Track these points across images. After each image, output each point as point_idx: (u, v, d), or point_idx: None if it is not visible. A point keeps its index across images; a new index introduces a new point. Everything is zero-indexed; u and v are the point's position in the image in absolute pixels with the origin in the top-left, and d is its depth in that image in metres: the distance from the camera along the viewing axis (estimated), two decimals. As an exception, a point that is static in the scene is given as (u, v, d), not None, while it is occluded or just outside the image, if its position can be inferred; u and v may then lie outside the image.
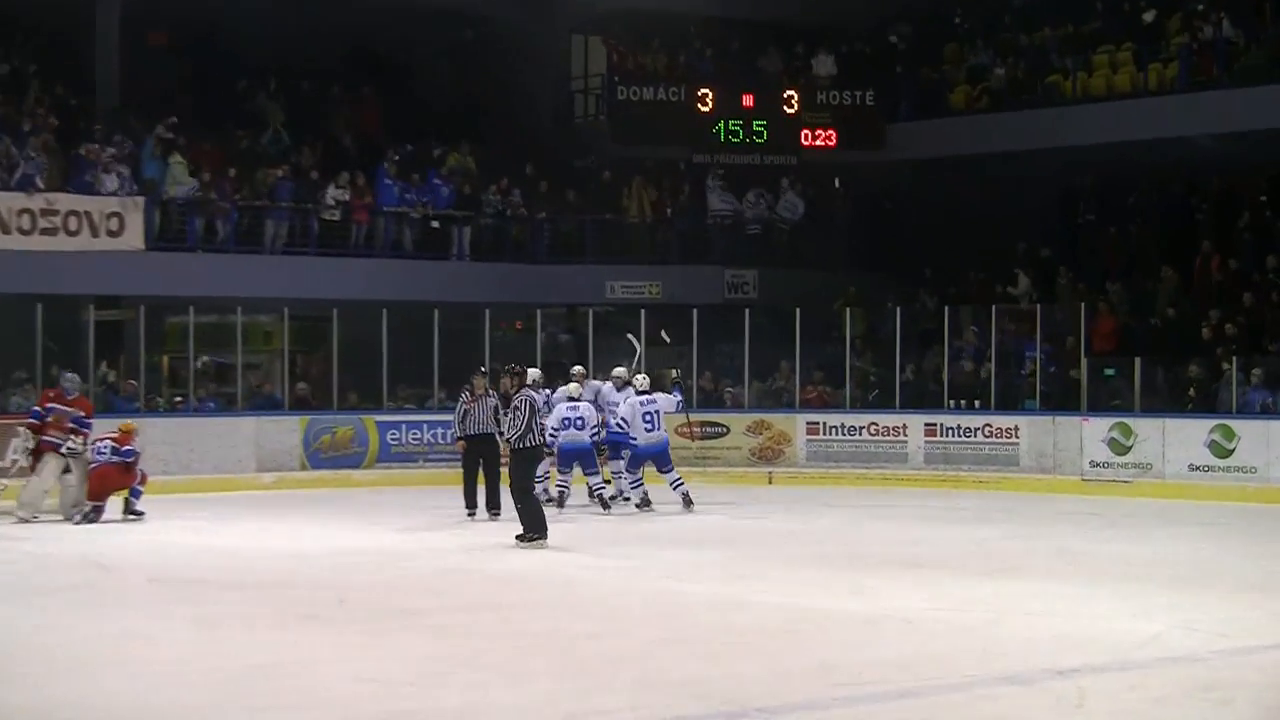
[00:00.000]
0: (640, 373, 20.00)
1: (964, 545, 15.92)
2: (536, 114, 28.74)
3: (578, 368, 20.06)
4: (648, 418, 18.81)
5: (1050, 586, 12.86)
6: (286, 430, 22.61)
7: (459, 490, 18.48)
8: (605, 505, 18.76)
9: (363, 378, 23.68)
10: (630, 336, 21.61)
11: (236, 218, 23.87)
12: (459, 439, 18.42)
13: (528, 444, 15.41)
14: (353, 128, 27.13)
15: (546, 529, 15.30)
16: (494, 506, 17.97)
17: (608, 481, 19.20)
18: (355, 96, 27.68)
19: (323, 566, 14.24)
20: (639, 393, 19.04)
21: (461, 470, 18.50)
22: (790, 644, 10.33)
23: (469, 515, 18.09)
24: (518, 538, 15.23)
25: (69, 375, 18.45)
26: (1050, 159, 26.00)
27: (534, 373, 19.14)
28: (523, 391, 15.56)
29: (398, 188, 25.40)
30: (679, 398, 19.77)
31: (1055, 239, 26.78)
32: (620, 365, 20.15)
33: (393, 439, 23.21)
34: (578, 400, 18.77)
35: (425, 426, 23.22)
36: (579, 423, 18.48)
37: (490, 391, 18.21)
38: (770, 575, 13.62)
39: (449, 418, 21.89)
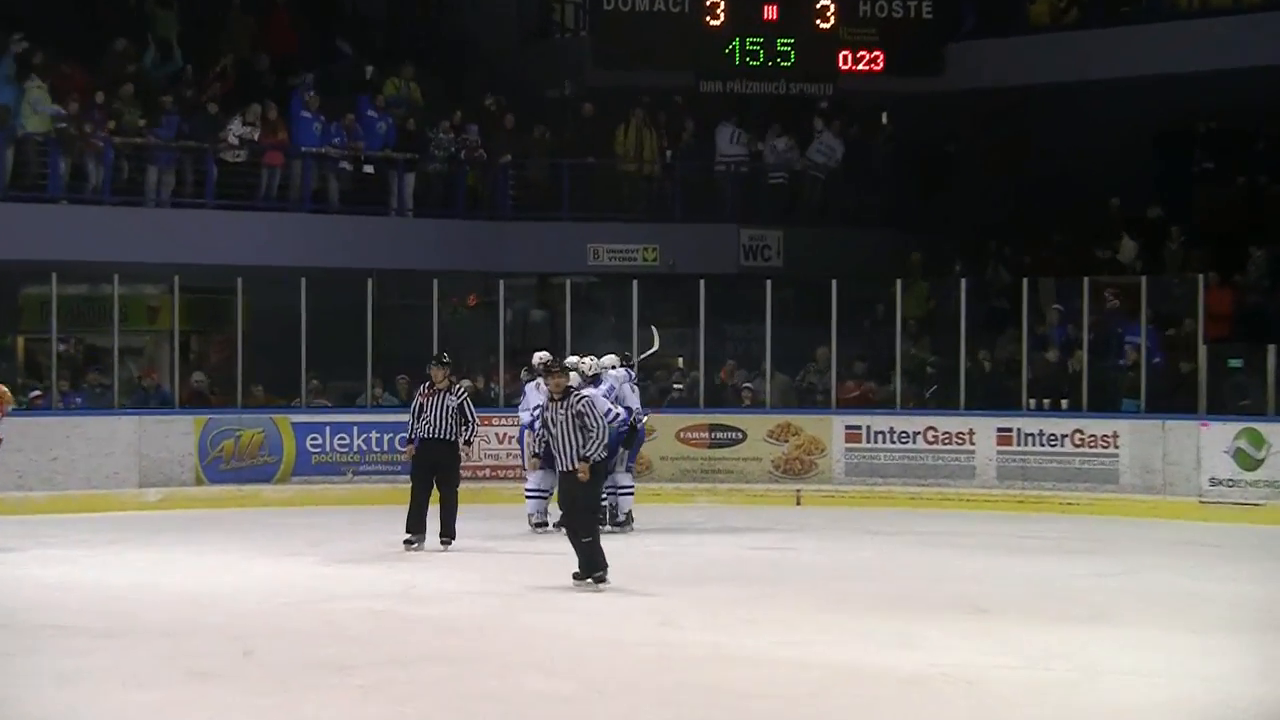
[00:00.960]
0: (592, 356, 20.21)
1: (1043, 584, 15.92)
2: (500, 29, 29.00)
3: (591, 359, 20.09)
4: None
5: (1151, 637, 12.90)
6: (177, 434, 22.70)
7: (402, 510, 18.46)
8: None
9: (276, 366, 23.85)
10: (654, 329, 21.95)
11: (112, 159, 23.92)
12: (410, 441, 18.53)
13: (603, 455, 15.64)
14: (263, 45, 27.16)
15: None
16: (447, 533, 18.11)
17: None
18: (266, 4, 27.78)
19: (223, 609, 14.23)
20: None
21: (410, 484, 18.57)
22: (816, 712, 10.35)
23: (410, 544, 18.13)
24: (576, 576, 15.27)
25: None
26: (1157, 89, 26.19)
27: (609, 359, 19.77)
28: (582, 393, 15.96)
29: (319, 123, 25.52)
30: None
31: (1163, 192, 26.85)
32: (609, 354, 20.29)
33: (314, 445, 23.32)
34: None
35: (356, 430, 23.34)
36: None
37: (455, 385, 18.41)
38: (793, 622, 13.61)
39: (387, 418, 22.43)
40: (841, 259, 26.15)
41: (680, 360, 22.47)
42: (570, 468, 15.24)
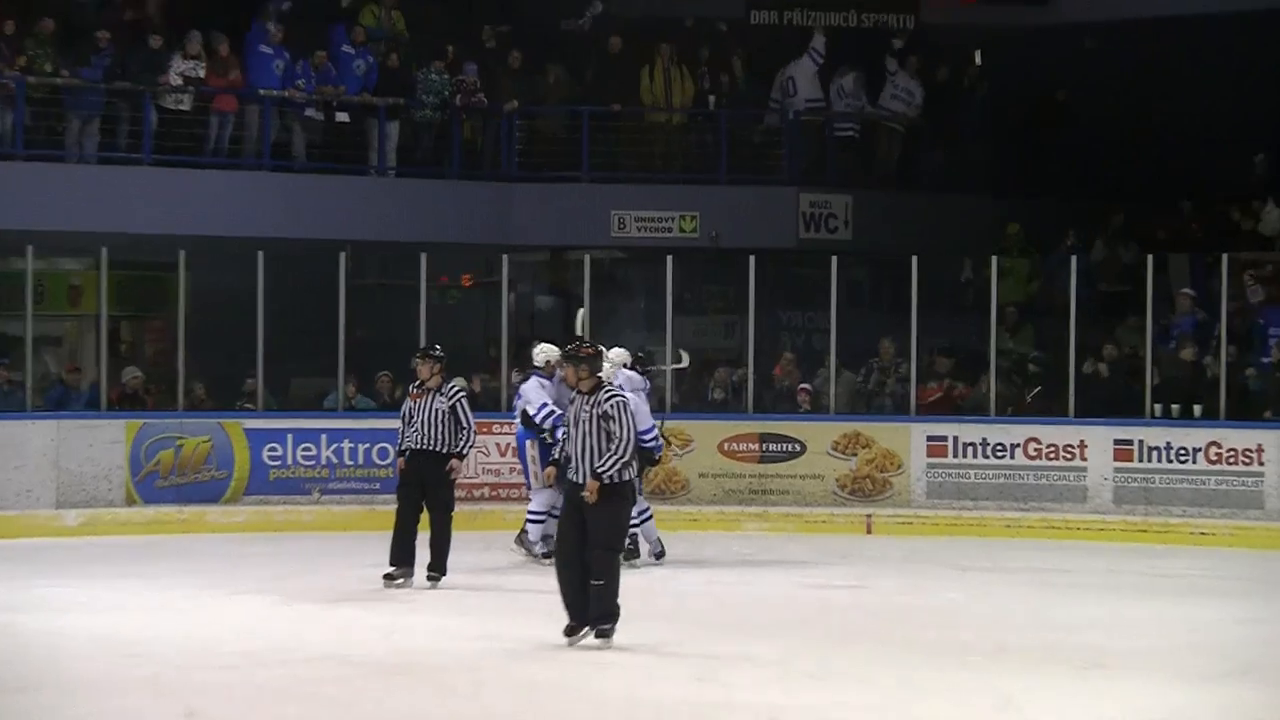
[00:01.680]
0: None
1: (1174, 633, 15.92)
2: None
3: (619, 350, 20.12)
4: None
5: None
6: (104, 442, 22.81)
7: (382, 538, 18.48)
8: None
9: (226, 360, 24.05)
10: (683, 353, 22.37)
11: (23, 106, 24.11)
12: (400, 453, 18.52)
13: (625, 477, 14.76)
14: None
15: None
16: (437, 567, 18.10)
17: None
18: None
19: (158, 660, 14.01)
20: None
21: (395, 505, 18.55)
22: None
23: (393, 580, 18.09)
24: (569, 631, 14.65)
25: None
26: None
27: (618, 354, 19.62)
28: (612, 390, 14.97)
29: (281, 61, 25.75)
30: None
31: None
32: (617, 348, 20.17)
33: (273, 458, 23.43)
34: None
35: (324, 438, 23.46)
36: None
37: (447, 385, 18.30)
38: (866, 677, 13.55)
39: (363, 424, 22.81)
40: (923, 231, 26.45)
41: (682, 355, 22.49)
42: (582, 480, 14.47)
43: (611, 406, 14.46)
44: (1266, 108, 26.95)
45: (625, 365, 19.88)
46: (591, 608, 14.39)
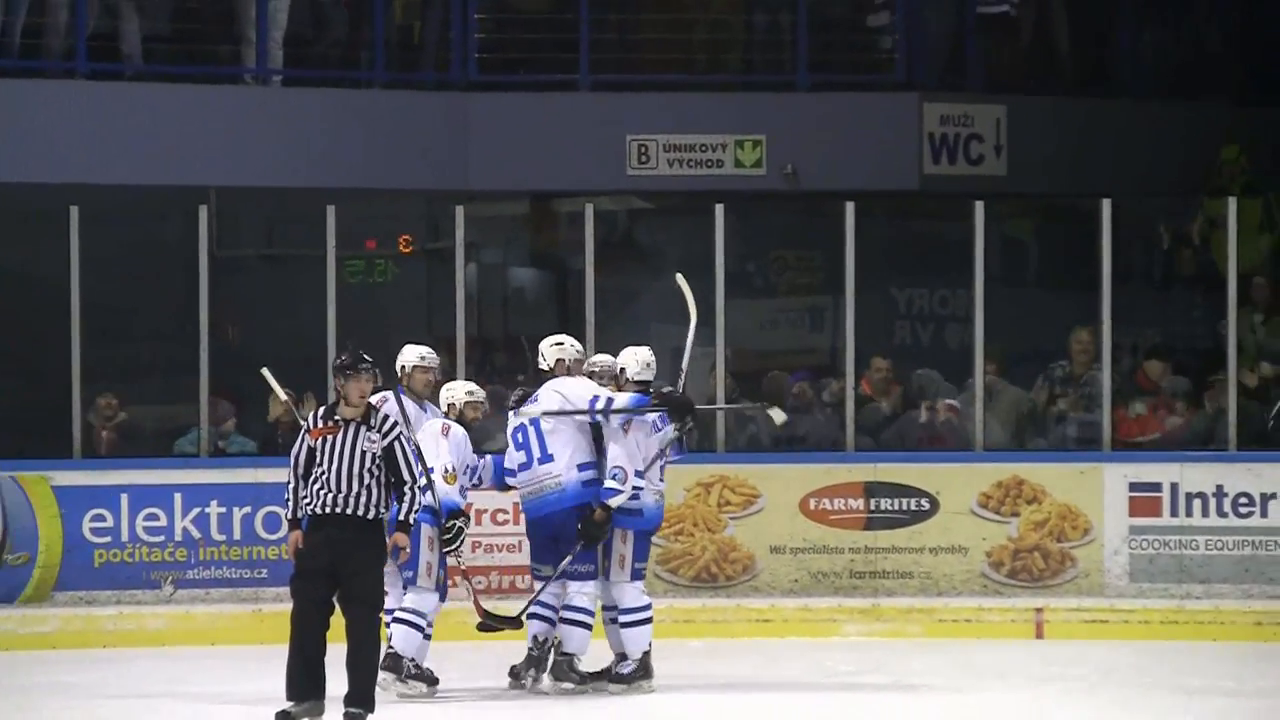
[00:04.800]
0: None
1: None
2: None
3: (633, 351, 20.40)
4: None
5: None
6: None
7: (270, 655, 18.20)
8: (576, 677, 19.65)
9: (26, 375, 24.92)
10: (681, 278, 21.37)
11: None
12: (293, 523, 18.00)
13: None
14: None
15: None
16: (358, 701, 17.26)
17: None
18: None
19: None
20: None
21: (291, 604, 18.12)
22: None
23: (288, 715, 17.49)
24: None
25: None
26: None
27: (647, 354, 19.86)
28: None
29: None
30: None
31: None
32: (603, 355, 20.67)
33: (97, 531, 23.42)
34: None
35: (180, 498, 23.41)
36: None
37: (376, 412, 17.77)
38: None
39: (238, 476, 23.41)
40: (1115, 160, 27.49)
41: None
42: None
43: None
44: None
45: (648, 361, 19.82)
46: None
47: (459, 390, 20.12)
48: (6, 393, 24.89)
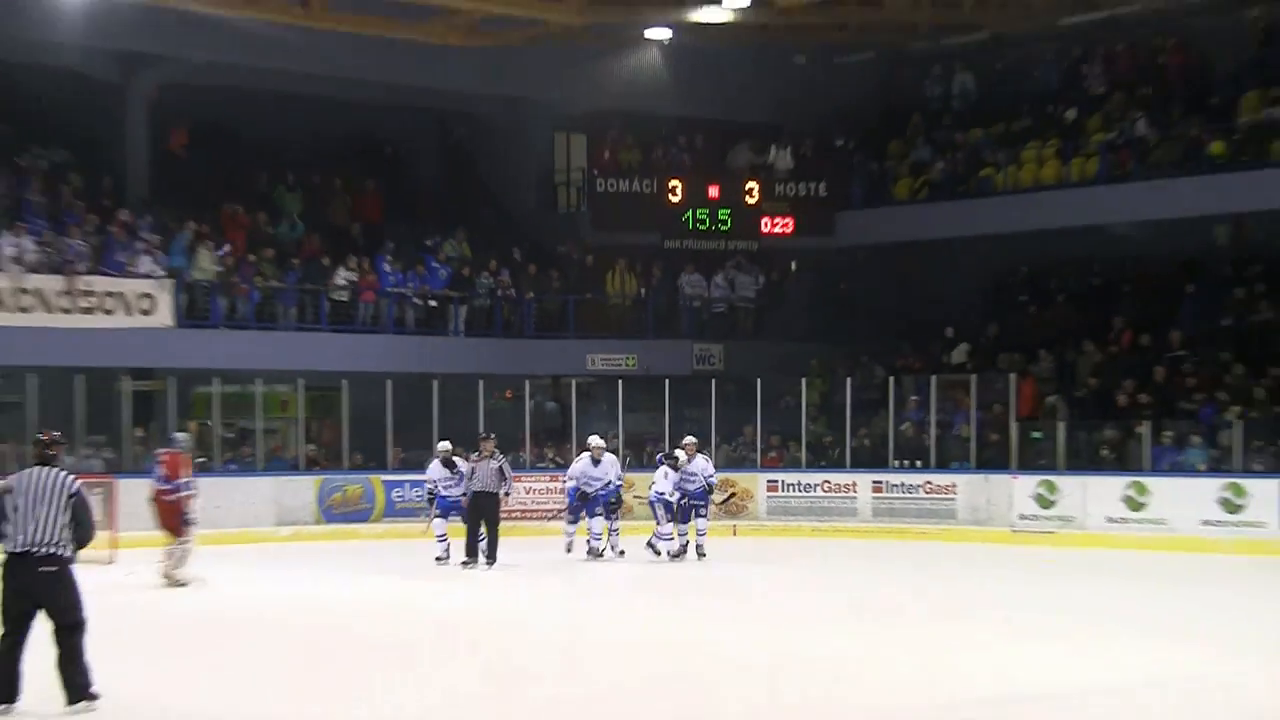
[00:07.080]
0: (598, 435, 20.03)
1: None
2: (523, 203, 28.99)
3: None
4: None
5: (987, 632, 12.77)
6: (302, 489, 23.06)
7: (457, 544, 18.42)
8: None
9: (369, 441, 23.78)
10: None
11: (256, 298, 24.25)
12: (462, 495, 18.57)
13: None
14: (358, 216, 27.43)
15: None
16: (492, 557, 18.37)
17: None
18: (360, 188, 27.91)
19: (342, 614, 14.22)
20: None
21: (466, 524, 18.49)
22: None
23: (467, 565, 18.23)
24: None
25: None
26: (984, 244, 26.49)
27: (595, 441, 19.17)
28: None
29: (394, 276, 25.72)
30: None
31: (989, 316, 26.96)
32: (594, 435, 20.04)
33: (397, 496, 23.47)
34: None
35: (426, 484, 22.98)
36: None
37: (495, 453, 18.46)
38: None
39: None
40: (765, 365, 26.08)
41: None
42: None
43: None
44: (960, 293, 26.95)
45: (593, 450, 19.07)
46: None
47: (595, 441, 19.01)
48: (365, 447, 23.31)
